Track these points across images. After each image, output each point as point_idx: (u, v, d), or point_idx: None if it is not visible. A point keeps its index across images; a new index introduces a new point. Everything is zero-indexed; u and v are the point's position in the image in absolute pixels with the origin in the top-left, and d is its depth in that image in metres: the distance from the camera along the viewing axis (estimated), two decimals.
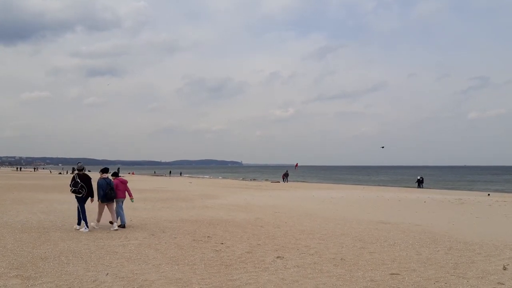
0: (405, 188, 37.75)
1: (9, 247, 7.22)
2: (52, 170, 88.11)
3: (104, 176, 9.59)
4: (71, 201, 16.41)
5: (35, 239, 8.00)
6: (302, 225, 10.77)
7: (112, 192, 9.50)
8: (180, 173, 79.94)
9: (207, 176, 72.54)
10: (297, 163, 61.36)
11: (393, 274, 5.93)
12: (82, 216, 9.22)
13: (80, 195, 9.20)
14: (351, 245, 8.04)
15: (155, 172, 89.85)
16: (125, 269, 5.92)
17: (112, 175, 10.03)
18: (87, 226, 9.07)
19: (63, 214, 12.00)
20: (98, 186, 9.44)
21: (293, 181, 50.54)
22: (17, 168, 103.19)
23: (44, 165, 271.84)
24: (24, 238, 8.15)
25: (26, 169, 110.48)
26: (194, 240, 8.31)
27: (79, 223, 9.34)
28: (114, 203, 9.71)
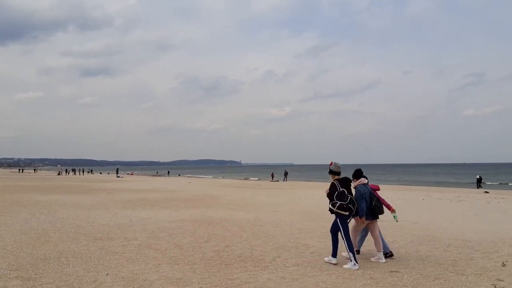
0: (403, 186, 37.81)
1: (8, 248, 7.22)
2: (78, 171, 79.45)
3: (363, 182, 6.83)
4: (71, 202, 16.44)
5: (35, 240, 8.00)
6: (301, 224, 10.79)
7: (380, 206, 6.80)
8: (179, 174, 80.00)
9: (206, 176, 72.56)
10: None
11: (392, 271, 5.95)
12: (347, 243, 6.21)
13: (347, 213, 6.25)
14: None
15: (157, 173, 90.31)
16: (125, 269, 5.93)
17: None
18: (356, 261, 6.15)
19: (62, 215, 11.99)
20: (358, 197, 6.55)
21: (292, 180, 50.58)
22: (19, 170, 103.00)
23: (42, 166, 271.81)
24: (24, 239, 8.14)
25: (26, 170, 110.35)
26: (193, 240, 8.32)
27: (334, 255, 6.38)
28: (376, 222, 6.92)
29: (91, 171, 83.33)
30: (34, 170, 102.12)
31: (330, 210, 6.34)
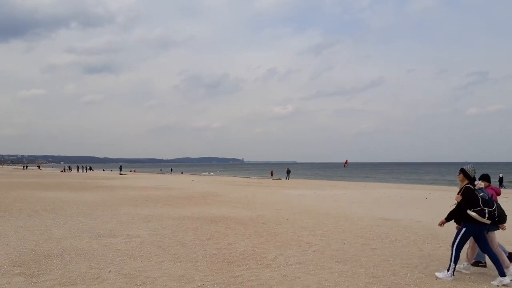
0: (406, 185, 37.73)
1: (12, 245, 7.25)
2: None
3: (480, 186, 5.90)
4: (74, 199, 16.49)
5: (38, 237, 8.04)
6: (303, 222, 10.78)
7: (503, 212, 5.83)
8: (182, 172, 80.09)
9: (209, 174, 72.67)
10: (346, 160, 60.15)
11: (395, 270, 5.93)
12: (455, 254, 5.61)
13: (490, 221, 5.49)
14: (352, 242, 8.05)
15: (161, 170, 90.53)
16: (127, 266, 5.94)
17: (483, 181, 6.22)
18: (453, 273, 5.54)
19: (65, 212, 12.04)
20: (483, 203, 5.48)
21: (295, 178, 50.56)
22: (23, 167, 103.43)
23: (46, 163, 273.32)
24: (27, 235, 8.18)
25: (29, 167, 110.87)
26: (196, 237, 8.33)
27: (503, 274, 5.34)
28: (495, 233, 6.04)
29: (90, 168, 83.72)
30: (38, 167, 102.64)
31: (468, 220, 5.56)
